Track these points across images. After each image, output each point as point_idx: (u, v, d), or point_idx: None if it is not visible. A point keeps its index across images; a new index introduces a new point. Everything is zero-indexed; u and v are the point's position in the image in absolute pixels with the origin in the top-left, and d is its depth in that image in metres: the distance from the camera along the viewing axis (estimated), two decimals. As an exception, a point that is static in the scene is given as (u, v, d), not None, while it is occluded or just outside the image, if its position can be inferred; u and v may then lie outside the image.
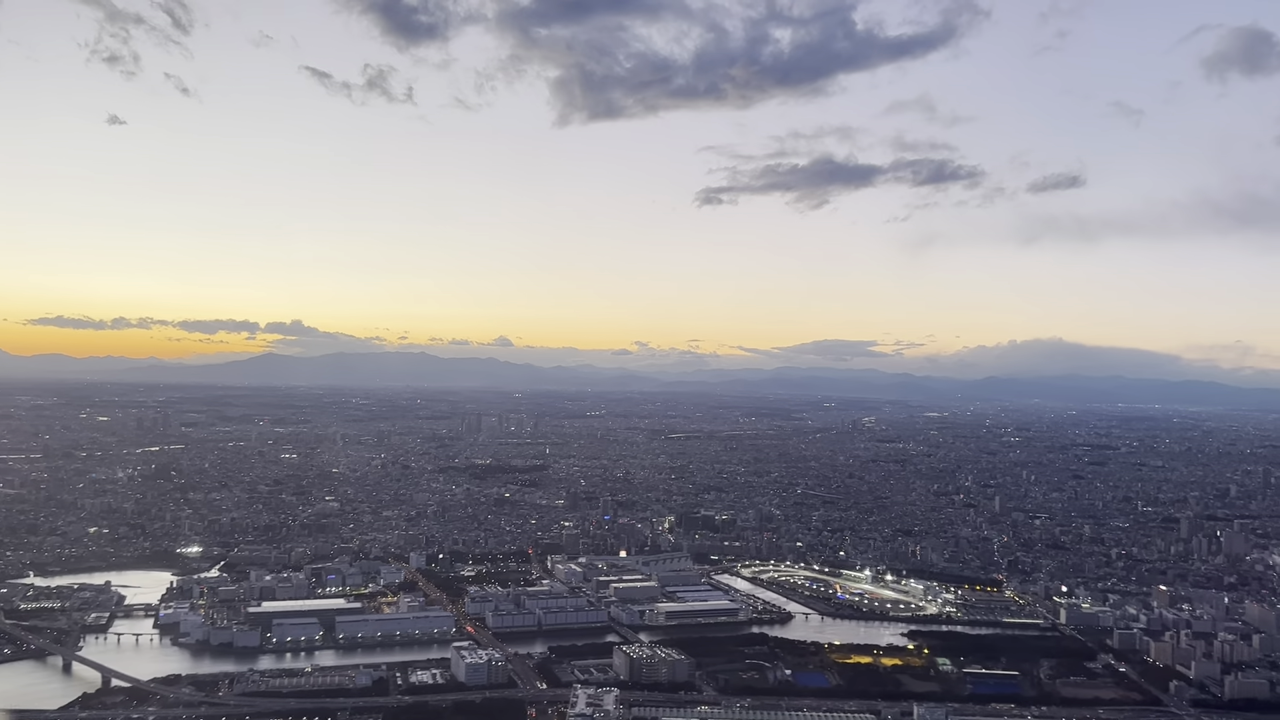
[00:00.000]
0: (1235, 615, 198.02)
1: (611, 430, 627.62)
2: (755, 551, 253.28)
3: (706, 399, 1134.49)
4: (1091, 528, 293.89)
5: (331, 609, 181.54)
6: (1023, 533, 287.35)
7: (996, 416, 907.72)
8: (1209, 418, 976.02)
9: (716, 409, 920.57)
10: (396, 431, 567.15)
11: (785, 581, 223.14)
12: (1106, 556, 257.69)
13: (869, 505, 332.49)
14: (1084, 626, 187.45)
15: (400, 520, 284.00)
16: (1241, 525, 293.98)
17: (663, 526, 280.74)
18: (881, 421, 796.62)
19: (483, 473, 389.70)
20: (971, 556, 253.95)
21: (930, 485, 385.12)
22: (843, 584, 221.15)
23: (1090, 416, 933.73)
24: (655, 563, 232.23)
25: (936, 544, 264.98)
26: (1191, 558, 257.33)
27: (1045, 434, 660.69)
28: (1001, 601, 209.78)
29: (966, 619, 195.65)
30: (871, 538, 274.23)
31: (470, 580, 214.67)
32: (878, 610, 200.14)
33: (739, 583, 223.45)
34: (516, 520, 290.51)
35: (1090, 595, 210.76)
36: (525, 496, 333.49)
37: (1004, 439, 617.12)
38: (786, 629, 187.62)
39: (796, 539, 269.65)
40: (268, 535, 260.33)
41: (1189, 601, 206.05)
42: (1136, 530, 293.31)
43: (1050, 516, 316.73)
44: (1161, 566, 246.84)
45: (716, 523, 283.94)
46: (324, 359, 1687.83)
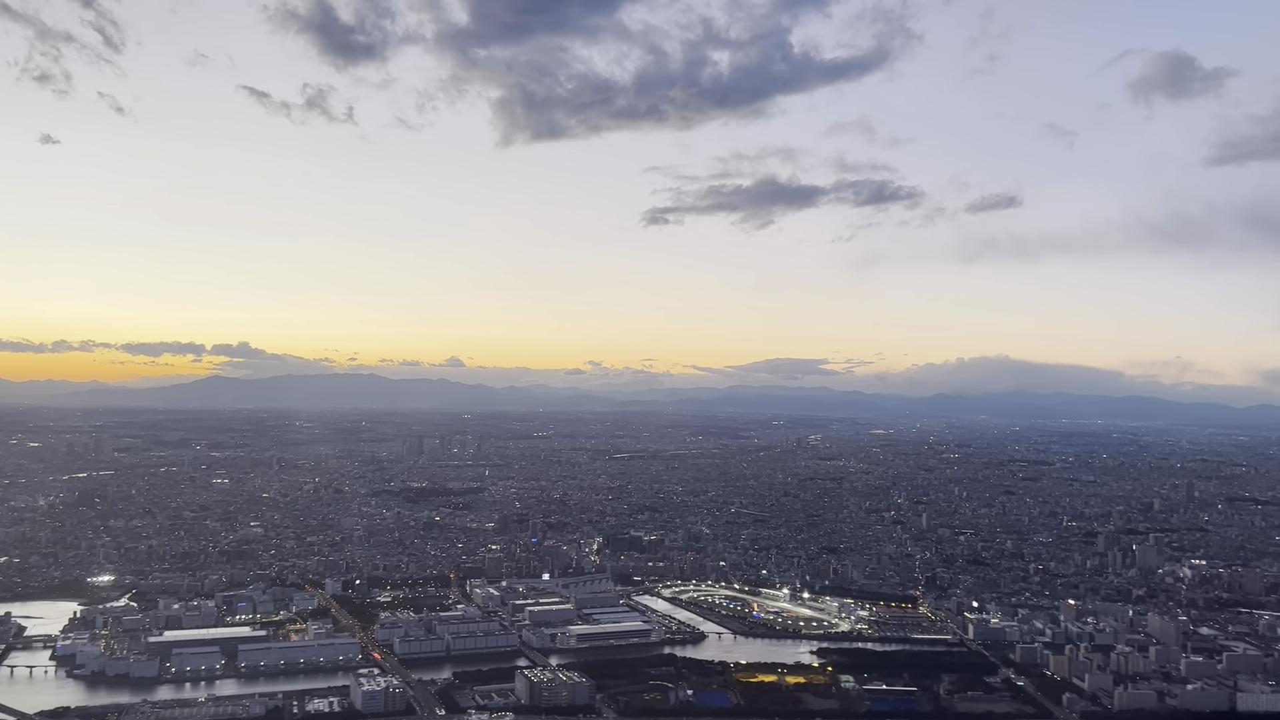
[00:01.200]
0: (1138, 628, 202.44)
1: (556, 451, 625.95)
2: (679, 572, 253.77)
3: (657, 418, 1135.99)
4: (1014, 543, 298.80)
5: (234, 637, 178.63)
6: (946, 549, 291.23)
7: (941, 433, 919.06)
8: (1147, 432, 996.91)
9: (666, 428, 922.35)
10: (336, 455, 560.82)
11: (704, 601, 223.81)
12: (1024, 571, 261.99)
13: (799, 523, 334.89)
14: (990, 641, 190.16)
15: (324, 546, 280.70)
16: (1158, 539, 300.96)
17: (589, 548, 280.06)
18: (828, 439, 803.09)
19: (416, 496, 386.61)
20: (892, 573, 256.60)
21: (863, 502, 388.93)
22: (760, 603, 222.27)
23: (1033, 433, 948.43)
24: (575, 585, 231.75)
25: (859, 561, 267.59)
26: (1106, 571, 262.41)
27: (985, 450, 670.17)
28: (914, 618, 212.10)
29: (877, 636, 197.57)
30: (796, 556, 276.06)
31: (385, 606, 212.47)
32: (791, 629, 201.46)
33: (658, 603, 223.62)
34: (443, 544, 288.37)
35: (1001, 610, 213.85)
36: (456, 520, 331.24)
37: (943, 455, 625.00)
38: (698, 649, 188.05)
39: (722, 558, 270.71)
40: (184, 563, 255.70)
41: (1095, 615, 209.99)
42: (1057, 545, 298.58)
43: (975, 532, 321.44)
44: (1076, 580, 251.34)
45: (643, 543, 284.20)
46: (271, 381, 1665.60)
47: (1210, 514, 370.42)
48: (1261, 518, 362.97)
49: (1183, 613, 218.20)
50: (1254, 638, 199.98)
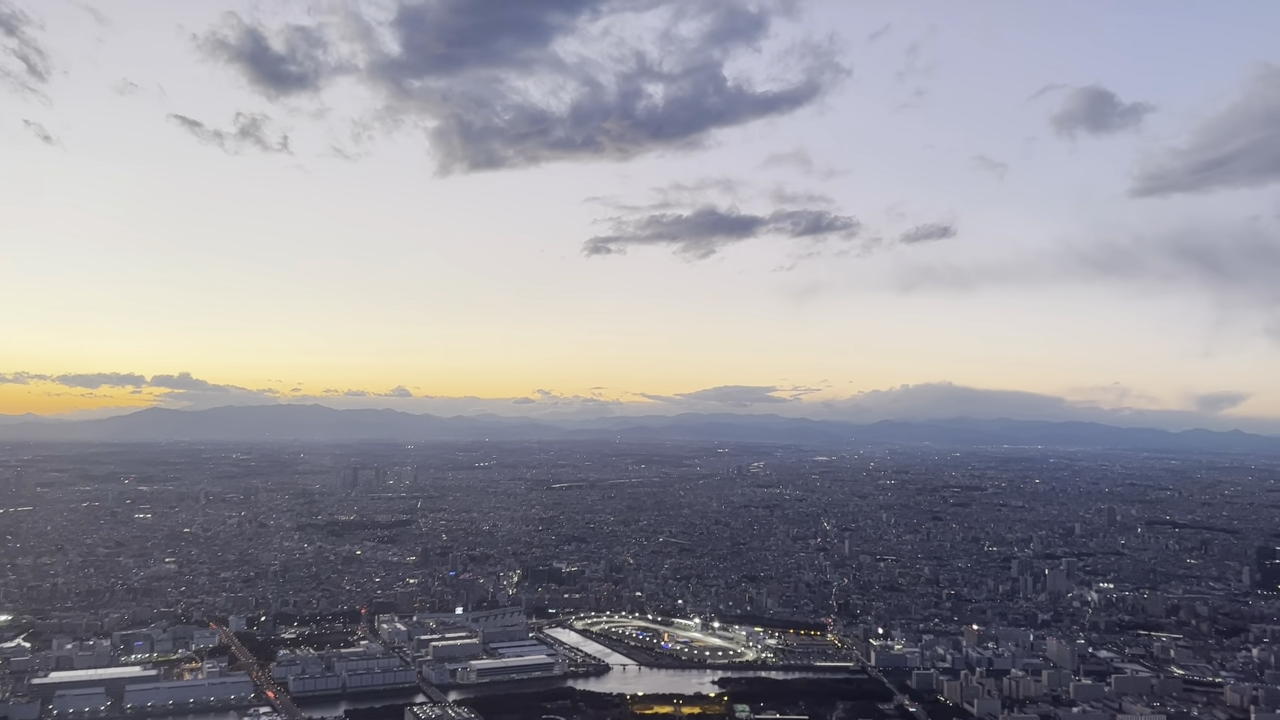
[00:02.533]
0: (1038, 652, 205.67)
1: (495, 482, 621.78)
2: (595, 603, 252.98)
3: (604, 447, 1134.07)
4: (931, 569, 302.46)
5: (122, 677, 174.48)
6: (864, 575, 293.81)
7: (882, 460, 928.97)
8: (1084, 457, 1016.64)
9: (610, 457, 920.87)
10: (267, 488, 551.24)
11: (615, 633, 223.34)
12: (937, 597, 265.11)
13: (725, 552, 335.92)
14: (891, 668, 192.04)
15: (237, 581, 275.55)
16: (1071, 563, 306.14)
17: (507, 581, 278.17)
18: (770, 467, 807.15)
19: (342, 529, 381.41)
20: (807, 601, 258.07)
21: (792, 530, 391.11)
22: (671, 633, 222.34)
23: (972, 458, 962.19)
24: (486, 619, 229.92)
25: (776, 589, 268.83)
26: (1017, 596, 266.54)
27: (921, 476, 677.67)
28: (821, 646, 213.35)
29: (780, 664, 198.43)
30: (715, 585, 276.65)
31: (288, 643, 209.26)
32: (697, 659, 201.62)
33: (569, 636, 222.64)
34: (361, 578, 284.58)
35: (906, 636, 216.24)
36: (377, 553, 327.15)
37: (879, 482, 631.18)
38: (600, 682, 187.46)
39: (641, 588, 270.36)
40: (89, 601, 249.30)
41: (996, 640, 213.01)
42: (973, 571, 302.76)
43: (896, 558, 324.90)
44: (986, 606, 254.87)
45: (563, 575, 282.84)
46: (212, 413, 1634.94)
47: (1128, 538, 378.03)
48: (1176, 540, 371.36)
49: (1084, 636, 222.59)
50: (1149, 660, 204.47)
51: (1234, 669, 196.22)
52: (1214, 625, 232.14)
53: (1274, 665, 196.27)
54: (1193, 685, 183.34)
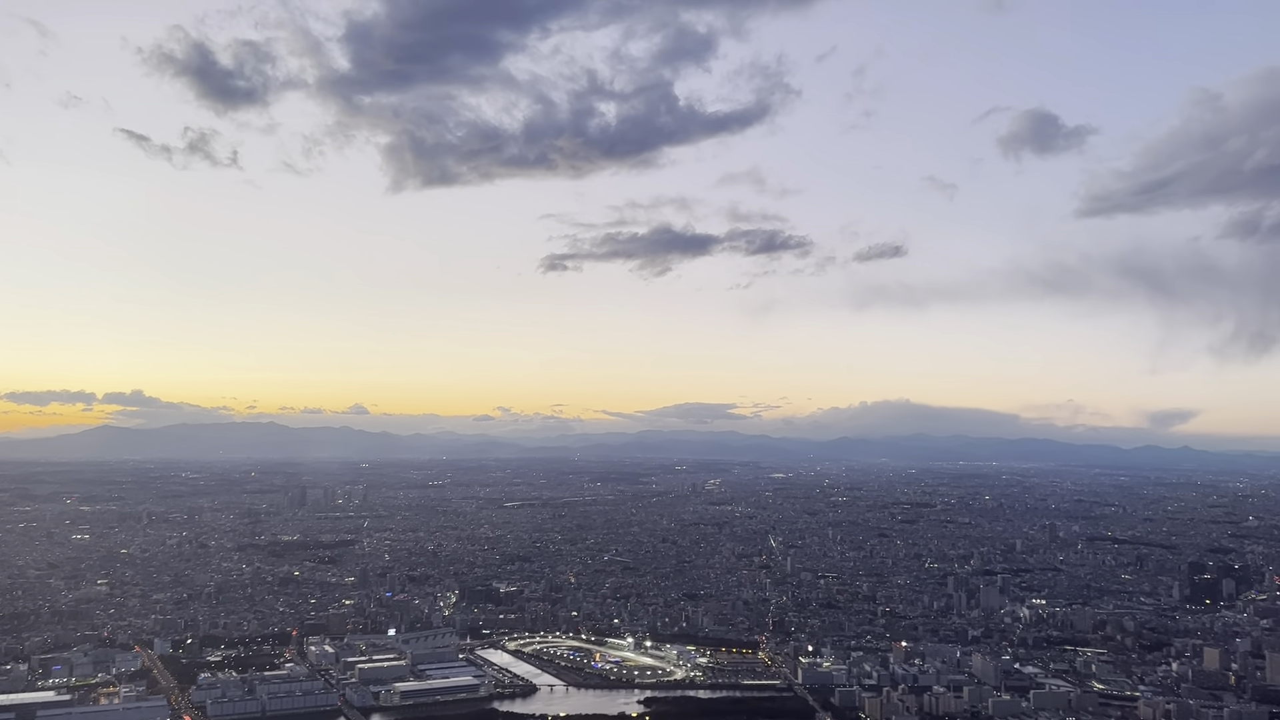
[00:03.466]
0: (963, 668, 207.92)
1: (447, 500, 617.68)
2: (531, 623, 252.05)
3: (562, 465, 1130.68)
4: (870, 585, 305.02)
5: (34, 703, 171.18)
6: (804, 592, 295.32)
7: (837, 476, 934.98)
8: (1037, 474, 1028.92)
9: (567, 475, 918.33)
10: (213, 507, 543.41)
11: (547, 653, 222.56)
12: (872, 614, 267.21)
13: (669, 570, 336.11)
14: (817, 685, 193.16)
15: (169, 603, 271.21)
16: (1006, 579, 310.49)
17: (444, 601, 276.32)
18: (726, 484, 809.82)
19: (284, 550, 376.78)
20: (743, 619, 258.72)
21: (738, 547, 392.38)
22: (603, 653, 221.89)
23: (927, 475, 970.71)
24: (417, 640, 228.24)
25: (713, 607, 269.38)
26: (951, 613, 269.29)
27: (873, 493, 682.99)
28: (752, 664, 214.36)
29: (709, 683, 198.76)
30: (655, 603, 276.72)
31: (215, 665, 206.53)
32: (625, 679, 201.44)
33: (501, 656, 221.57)
34: (296, 600, 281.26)
35: (835, 654, 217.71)
36: (316, 574, 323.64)
37: (831, 499, 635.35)
38: (526, 703, 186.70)
39: (579, 608, 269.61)
40: (13, 624, 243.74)
41: (923, 656, 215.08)
42: (912, 587, 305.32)
43: (838, 575, 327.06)
44: (919, 622, 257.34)
45: (500, 595, 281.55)
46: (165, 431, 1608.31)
47: (1068, 554, 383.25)
48: (1114, 556, 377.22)
49: (1011, 652, 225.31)
50: (1071, 675, 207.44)
51: (1153, 683, 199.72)
52: (1138, 640, 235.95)
53: (1191, 679, 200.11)
54: (1110, 699, 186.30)
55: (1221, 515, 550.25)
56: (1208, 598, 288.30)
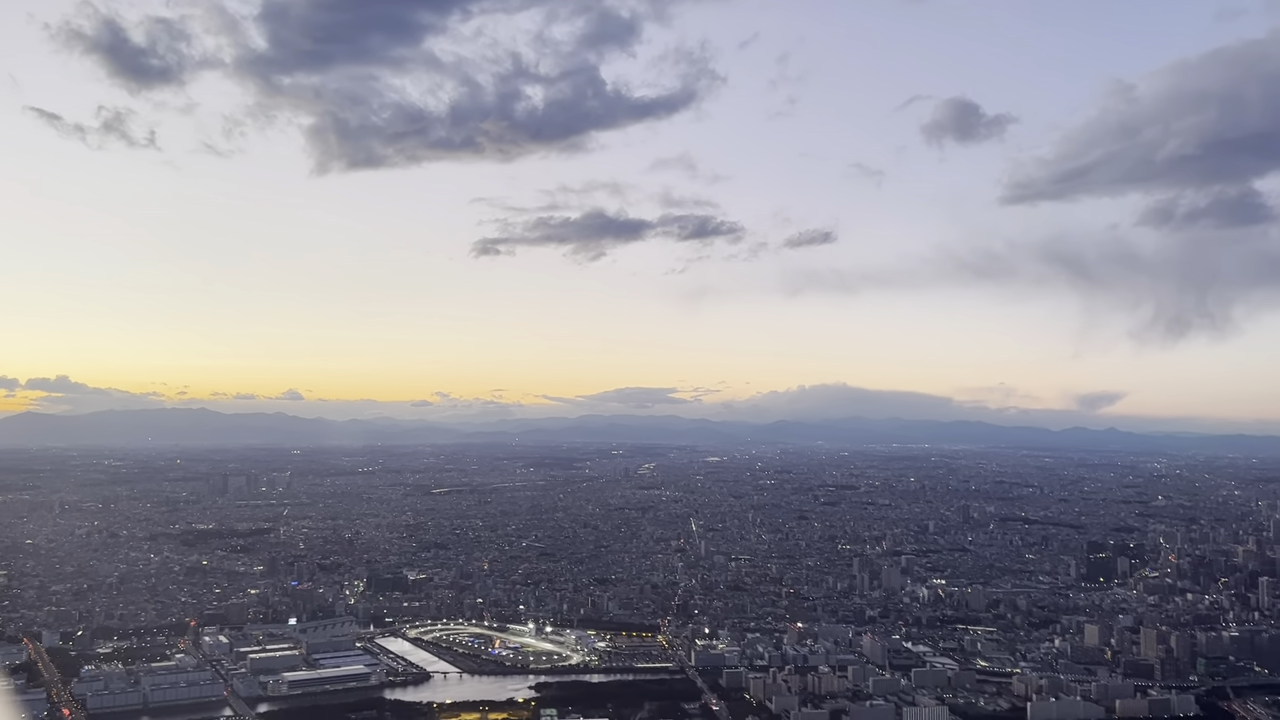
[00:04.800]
0: (854, 648, 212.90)
1: (374, 487, 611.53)
2: (435, 610, 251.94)
3: (498, 450, 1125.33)
4: (779, 567, 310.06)
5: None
6: (714, 575, 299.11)
7: (770, 459, 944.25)
8: (965, 455, 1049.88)
9: (502, 460, 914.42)
10: (132, 496, 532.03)
11: (446, 640, 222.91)
12: (777, 595, 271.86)
13: (585, 555, 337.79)
14: (710, 667, 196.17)
15: (67, 595, 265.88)
16: (911, 560, 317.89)
17: (350, 590, 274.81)
18: (660, 468, 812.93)
19: (197, 538, 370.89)
20: (649, 602, 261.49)
21: (658, 532, 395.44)
22: (503, 639, 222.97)
23: (858, 457, 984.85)
24: (316, 629, 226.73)
25: (622, 591, 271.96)
26: (853, 594, 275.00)
27: (801, 476, 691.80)
28: (650, 647, 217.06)
29: (603, 667, 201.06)
30: (564, 589, 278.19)
31: (104, 658, 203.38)
32: (521, 664, 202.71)
33: (400, 644, 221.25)
34: (201, 590, 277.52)
35: (731, 635, 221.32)
36: (225, 563, 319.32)
37: (759, 482, 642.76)
38: (418, 690, 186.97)
39: (488, 594, 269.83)
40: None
41: (816, 637, 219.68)
42: (820, 568, 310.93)
43: (751, 558, 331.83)
44: (821, 603, 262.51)
45: (408, 582, 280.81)
46: (92, 417, 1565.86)
47: (978, 534, 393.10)
48: (1022, 536, 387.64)
49: (905, 631, 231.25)
50: (959, 653, 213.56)
51: (1034, 659, 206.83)
52: (1027, 618, 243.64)
53: (1069, 654, 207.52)
54: (988, 676, 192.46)
55: (1133, 495, 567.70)
56: (1102, 576, 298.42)
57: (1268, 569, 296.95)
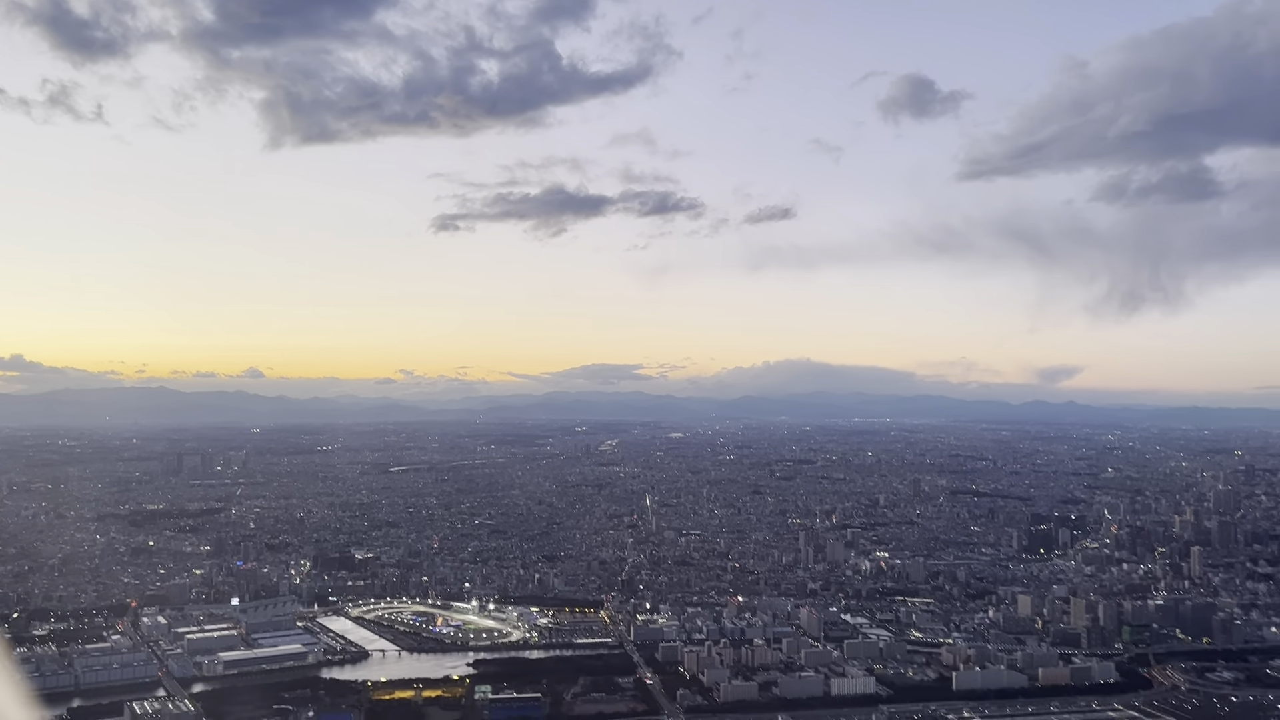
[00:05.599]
0: (792, 620, 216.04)
1: (332, 466, 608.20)
2: (381, 589, 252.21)
3: (461, 428, 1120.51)
4: (728, 542, 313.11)
5: None
6: (663, 551, 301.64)
7: (733, 435, 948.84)
8: (925, 429, 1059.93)
9: (464, 438, 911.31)
10: (83, 476, 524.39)
11: (389, 619, 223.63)
12: (723, 570, 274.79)
13: (536, 532, 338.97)
14: (648, 642, 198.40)
15: (8, 576, 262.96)
16: (857, 533, 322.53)
17: (295, 569, 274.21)
18: (623, 445, 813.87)
19: (145, 519, 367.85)
20: (595, 579, 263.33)
21: (612, 508, 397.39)
22: (446, 616, 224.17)
23: (820, 432, 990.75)
24: (258, 609, 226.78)
25: (569, 568, 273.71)
26: (797, 567, 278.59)
27: (760, 450, 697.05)
28: (591, 623, 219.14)
29: (543, 643, 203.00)
30: (512, 566, 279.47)
31: (41, 640, 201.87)
32: (461, 641, 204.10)
33: (342, 623, 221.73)
34: (145, 570, 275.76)
35: (674, 610, 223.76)
36: (173, 543, 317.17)
37: (719, 457, 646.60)
38: (356, 669, 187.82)
39: (436, 572, 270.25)
40: None
41: (755, 610, 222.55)
42: (769, 543, 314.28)
43: (701, 533, 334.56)
44: (766, 577, 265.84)
45: (355, 561, 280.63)
46: (48, 396, 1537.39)
47: (927, 508, 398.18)
48: (970, 509, 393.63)
49: (845, 603, 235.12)
50: (895, 624, 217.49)
51: (967, 629, 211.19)
52: (965, 589, 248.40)
53: (1001, 625, 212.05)
54: (920, 647, 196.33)
55: (1084, 468, 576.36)
56: (1042, 547, 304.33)
57: (1202, 539, 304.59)
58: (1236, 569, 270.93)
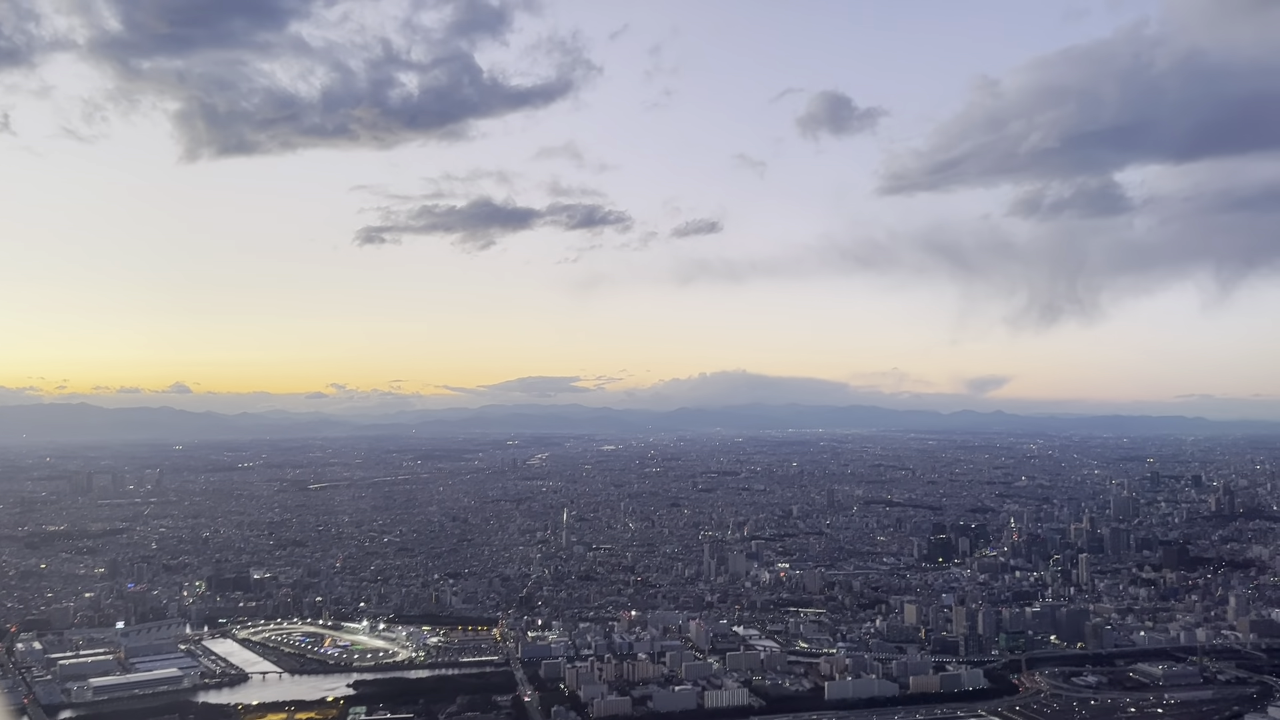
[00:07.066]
0: (683, 634, 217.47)
1: (250, 484, 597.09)
2: (273, 610, 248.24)
3: (391, 443, 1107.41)
4: (635, 555, 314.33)
5: None
6: (570, 566, 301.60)
7: (666, 447, 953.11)
8: (855, 439, 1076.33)
9: (391, 453, 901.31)
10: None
11: (276, 640, 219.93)
12: (625, 584, 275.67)
13: (445, 549, 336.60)
14: (534, 659, 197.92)
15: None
16: (766, 545, 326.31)
17: (189, 591, 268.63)
18: (554, 458, 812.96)
19: (42, 540, 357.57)
20: (495, 595, 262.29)
21: (527, 523, 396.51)
22: (335, 637, 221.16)
23: (751, 443, 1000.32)
24: (143, 632, 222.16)
25: (469, 585, 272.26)
26: (699, 580, 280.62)
27: (690, 463, 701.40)
28: (481, 640, 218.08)
29: (428, 663, 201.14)
30: (413, 584, 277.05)
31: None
32: (345, 663, 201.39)
33: (227, 645, 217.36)
34: (32, 594, 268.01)
35: (567, 626, 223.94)
36: (66, 566, 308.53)
37: (646, 470, 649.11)
38: (233, 692, 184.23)
39: (330, 593, 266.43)
40: None
41: (646, 624, 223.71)
42: (677, 556, 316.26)
43: (611, 547, 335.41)
44: (667, 590, 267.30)
45: (251, 582, 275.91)
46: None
47: (838, 517, 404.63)
48: (879, 519, 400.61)
49: (739, 615, 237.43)
50: (784, 635, 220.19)
51: (852, 639, 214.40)
52: (858, 599, 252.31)
53: (885, 634, 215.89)
54: (801, 657, 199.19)
55: (1000, 476, 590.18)
56: (942, 556, 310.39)
57: (1095, 546, 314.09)
58: (1122, 575, 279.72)
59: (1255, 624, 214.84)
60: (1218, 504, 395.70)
